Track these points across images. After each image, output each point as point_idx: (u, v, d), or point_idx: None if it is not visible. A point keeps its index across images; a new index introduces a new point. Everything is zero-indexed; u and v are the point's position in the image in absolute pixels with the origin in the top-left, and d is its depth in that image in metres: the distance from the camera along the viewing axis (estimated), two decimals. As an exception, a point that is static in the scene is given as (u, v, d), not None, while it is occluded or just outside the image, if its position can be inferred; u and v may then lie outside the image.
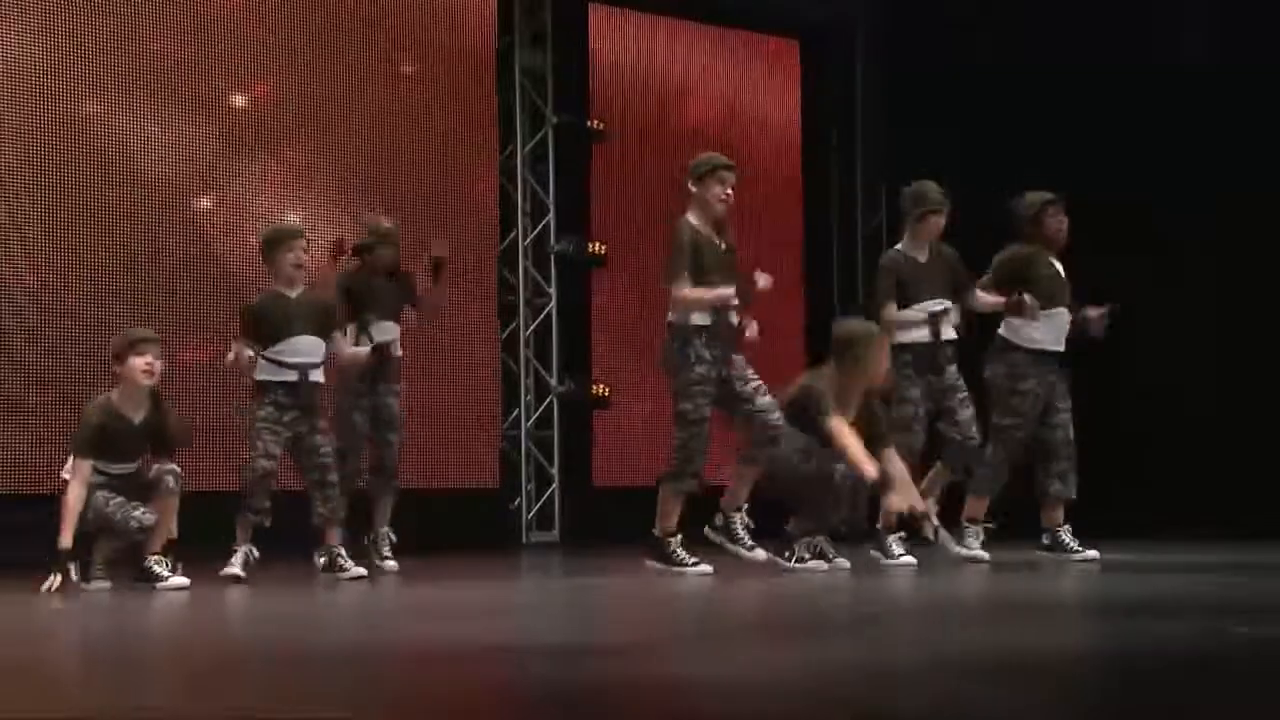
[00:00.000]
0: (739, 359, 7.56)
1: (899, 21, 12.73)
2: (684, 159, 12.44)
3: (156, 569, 7.18)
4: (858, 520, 7.70)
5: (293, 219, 9.86)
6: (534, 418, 11.66)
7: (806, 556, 7.64)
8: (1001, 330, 8.25)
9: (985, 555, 8.07)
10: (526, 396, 11.65)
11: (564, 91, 11.76)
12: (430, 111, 11.12)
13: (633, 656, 4.52)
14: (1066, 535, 8.14)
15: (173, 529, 7.27)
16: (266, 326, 7.67)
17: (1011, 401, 8.11)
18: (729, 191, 7.53)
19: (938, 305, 8.15)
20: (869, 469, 7.31)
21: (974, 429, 8.12)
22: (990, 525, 8.20)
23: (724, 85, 12.60)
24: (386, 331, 8.38)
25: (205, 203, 10.19)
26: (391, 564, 8.32)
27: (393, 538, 8.44)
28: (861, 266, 13.29)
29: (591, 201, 11.93)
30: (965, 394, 8.15)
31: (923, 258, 8.23)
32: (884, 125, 13.12)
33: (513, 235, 11.59)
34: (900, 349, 8.06)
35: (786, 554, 7.69)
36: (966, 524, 8.18)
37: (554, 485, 11.64)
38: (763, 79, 12.81)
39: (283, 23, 10.52)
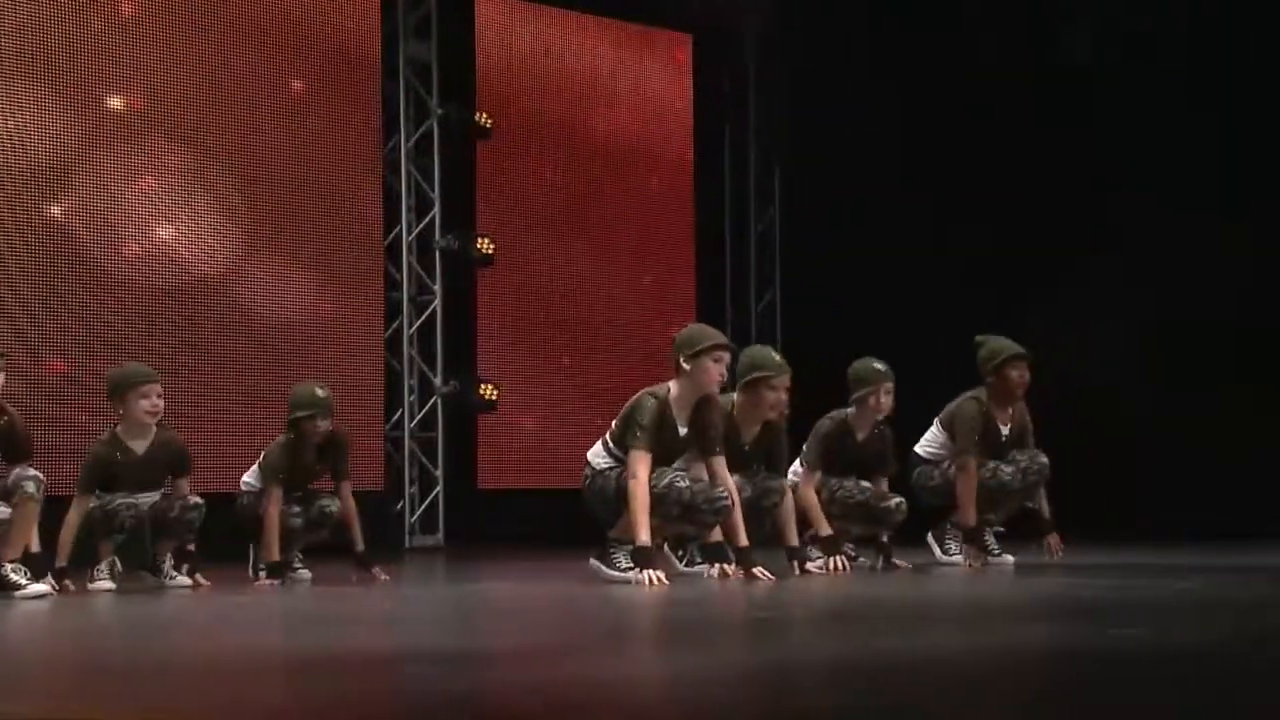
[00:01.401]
0: None
1: (792, 18, 12.78)
2: (576, 154, 12.60)
3: (14, 577, 7.00)
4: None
5: (164, 238, 9.71)
6: (417, 419, 11.57)
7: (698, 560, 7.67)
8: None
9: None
10: (410, 397, 11.55)
11: (450, 83, 11.67)
12: (311, 102, 10.99)
13: (513, 663, 4.48)
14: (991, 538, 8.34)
15: (33, 541, 7.08)
16: (104, 483, 7.48)
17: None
18: (724, 371, 7.33)
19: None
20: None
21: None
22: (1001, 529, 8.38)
23: (616, 79, 12.58)
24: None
25: (69, 205, 9.98)
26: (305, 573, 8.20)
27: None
28: (754, 264, 13.33)
29: (478, 197, 11.86)
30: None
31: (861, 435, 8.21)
32: (777, 121, 13.16)
33: (396, 230, 11.49)
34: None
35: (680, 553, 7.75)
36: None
37: (438, 488, 11.56)
38: (656, 74, 12.80)
39: (155, 12, 10.35)
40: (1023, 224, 11.41)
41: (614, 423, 7.36)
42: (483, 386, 11.56)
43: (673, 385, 7.30)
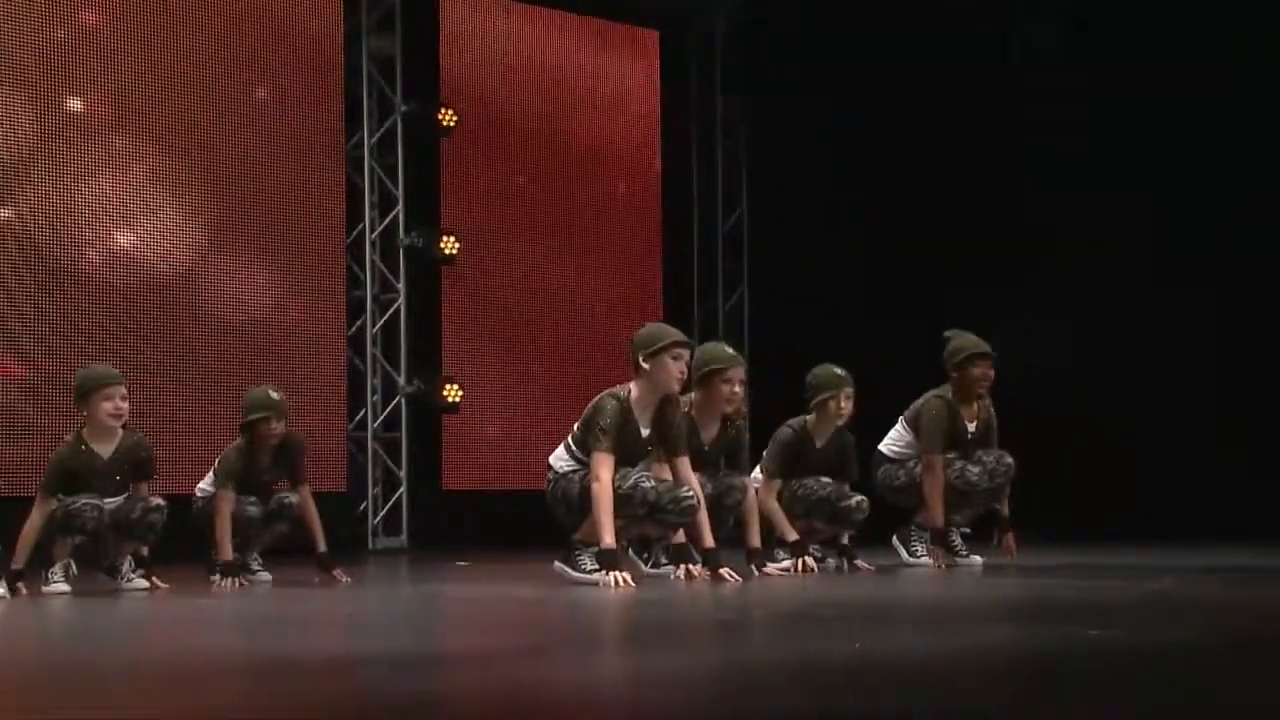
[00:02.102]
0: None
1: (760, 13, 12.79)
2: (541, 151, 12.57)
3: None
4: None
5: (125, 239, 9.65)
6: (381, 419, 11.52)
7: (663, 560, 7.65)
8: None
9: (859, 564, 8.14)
10: (374, 397, 11.51)
11: (414, 78, 11.63)
12: (273, 98, 10.93)
13: (475, 666, 4.45)
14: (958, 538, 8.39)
15: None
16: (68, 486, 7.37)
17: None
18: (684, 369, 7.30)
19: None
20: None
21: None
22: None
23: (582, 76, 12.55)
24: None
25: (26, 205, 9.91)
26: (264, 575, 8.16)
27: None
28: (721, 261, 13.32)
29: (443, 194, 11.81)
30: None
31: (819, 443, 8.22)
32: (745, 118, 13.16)
33: (360, 228, 11.44)
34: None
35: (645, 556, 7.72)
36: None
37: (401, 489, 11.51)
38: (623, 69, 12.78)
39: (115, 8, 10.28)
40: (993, 224, 11.43)
41: (575, 426, 7.32)
42: (447, 386, 11.51)
43: (633, 386, 7.26)
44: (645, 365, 7.22)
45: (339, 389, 11.23)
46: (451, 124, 11.64)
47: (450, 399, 11.50)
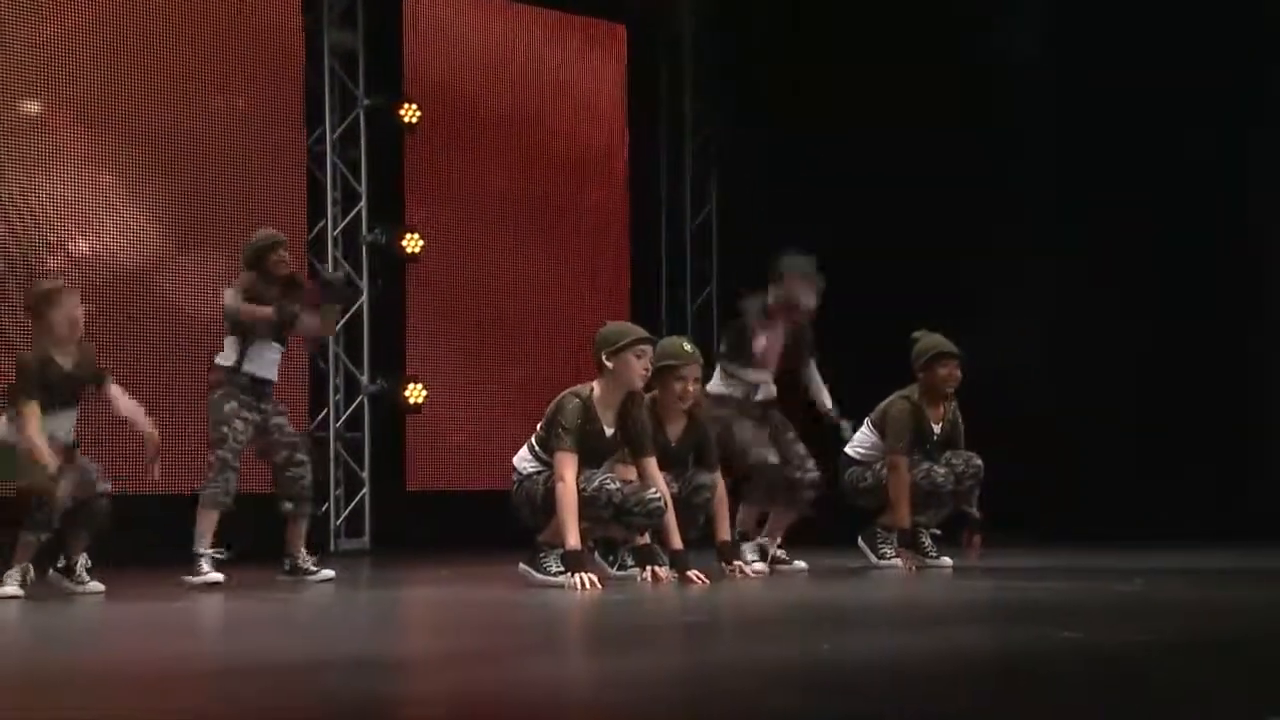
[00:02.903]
0: None
1: (728, 7, 12.78)
2: (507, 146, 12.52)
3: None
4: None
5: (82, 238, 9.59)
6: (343, 418, 11.48)
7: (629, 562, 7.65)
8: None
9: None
10: (336, 396, 11.46)
11: (377, 72, 11.59)
12: (232, 91, 10.88)
13: (438, 669, 4.44)
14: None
15: None
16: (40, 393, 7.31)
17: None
18: (648, 366, 7.27)
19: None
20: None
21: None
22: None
23: (548, 70, 12.51)
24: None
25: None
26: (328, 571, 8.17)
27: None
28: (690, 258, 13.30)
29: (407, 190, 11.77)
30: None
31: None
32: (713, 113, 13.15)
33: (322, 224, 11.39)
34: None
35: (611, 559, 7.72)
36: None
37: (364, 490, 11.47)
38: (590, 64, 12.75)
39: (73, -6, 10.22)
40: (963, 222, 11.44)
41: (539, 426, 7.30)
42: (411, 386, 11.47)
43: (596, 385, 7.25)
44: (608, 364, 7.21)
45: (300, 387, 11.16)
46: (415, 119, 11.60)
47: (414, 399, 11.46)
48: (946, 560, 8.27)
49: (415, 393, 11.46)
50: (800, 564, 8.26)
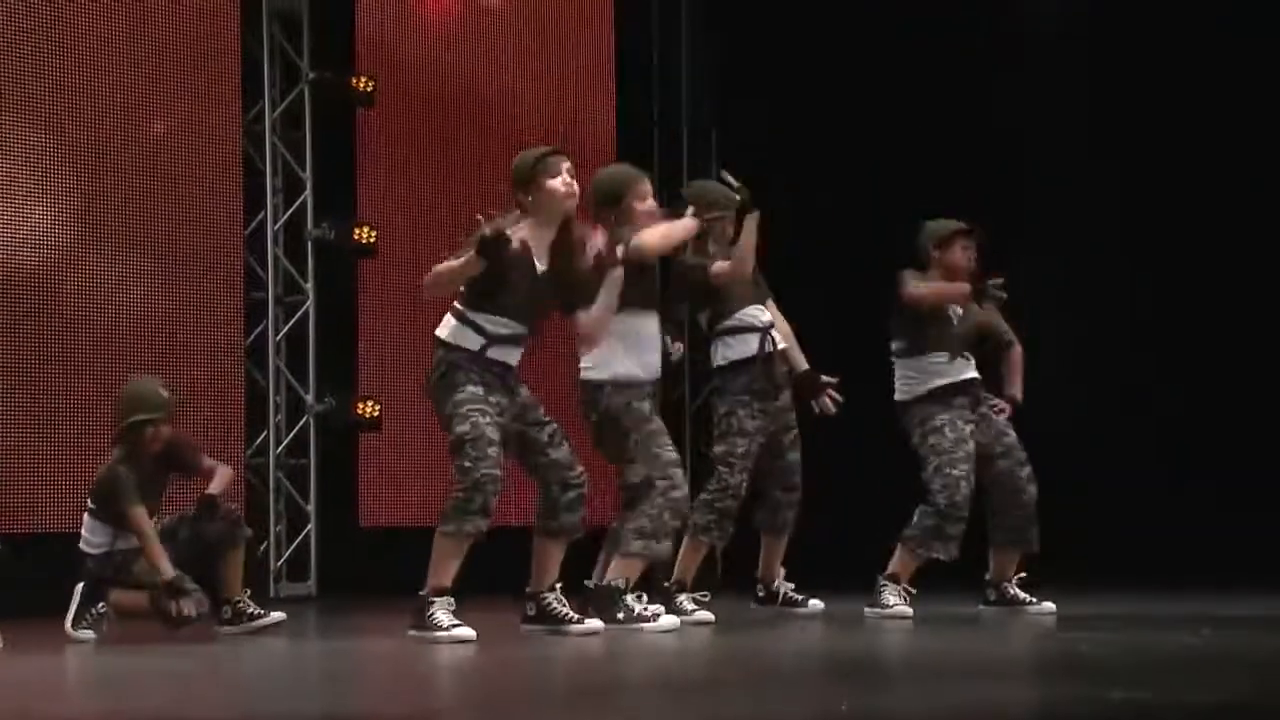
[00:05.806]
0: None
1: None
2: (473, 128, 12.51)
3: None
4: None
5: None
6: (286, 443, 11.46)
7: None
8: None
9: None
10: (277, 417, 11.46)
11: (324, 42, 11.60)
12: (158, 64, 10.86)
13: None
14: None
15: None
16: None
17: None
18: (568, 179, 7.46)
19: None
20: None
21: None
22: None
23: (522, 38, 12.51)
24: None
25: None
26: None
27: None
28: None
29: (358, 177, 11.77)
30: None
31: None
32: (710, 76, 13.25)
33: (260, 217, 11.39)
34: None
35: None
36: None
37: (310, 525, 11.46)
38: (570, 28, 12.74)
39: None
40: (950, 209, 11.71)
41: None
42: (363, 404, 11.45)
43: (525, 224, 7.46)
44: (527, 197, 7.40)
45: (235, 408, 11.13)
46: (368, 92, 11.60)
47: (368, 416, 11.44)
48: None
49: (369, 409, 11.43)
50: (816, 603, 8.31)
